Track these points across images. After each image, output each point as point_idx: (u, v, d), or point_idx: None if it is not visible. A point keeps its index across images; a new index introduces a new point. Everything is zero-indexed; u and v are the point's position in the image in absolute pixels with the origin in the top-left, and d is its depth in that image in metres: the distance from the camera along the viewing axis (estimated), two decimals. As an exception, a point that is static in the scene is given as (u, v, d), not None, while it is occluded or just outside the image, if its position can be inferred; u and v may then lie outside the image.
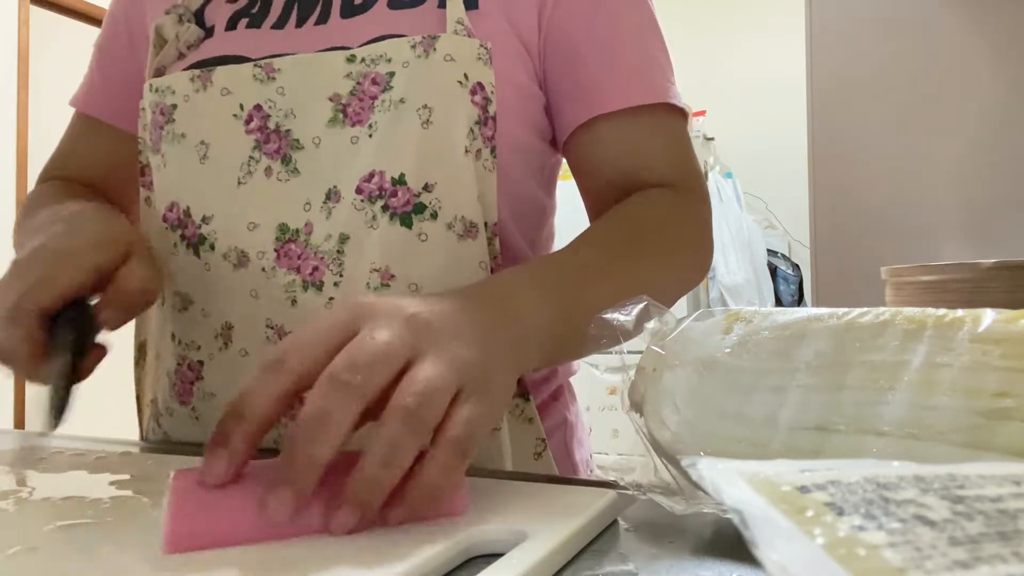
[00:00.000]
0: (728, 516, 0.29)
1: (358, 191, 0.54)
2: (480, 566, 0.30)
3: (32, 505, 0.40)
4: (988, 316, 0.32)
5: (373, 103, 0.55)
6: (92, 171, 0.73)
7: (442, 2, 0.57)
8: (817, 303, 1.66)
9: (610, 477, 0.39)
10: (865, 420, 0.32)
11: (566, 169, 0.67)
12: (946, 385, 0.31)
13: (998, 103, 1.46)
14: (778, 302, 3.51)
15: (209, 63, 0.60)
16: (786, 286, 3.56)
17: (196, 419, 0.60)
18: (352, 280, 0.54)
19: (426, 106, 0.53)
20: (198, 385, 0.60)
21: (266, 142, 0.57)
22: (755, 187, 3.68)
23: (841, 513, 0.19)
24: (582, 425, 0.70)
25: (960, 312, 0.33)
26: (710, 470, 0.22)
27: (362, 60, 0.55)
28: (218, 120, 0.58)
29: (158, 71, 0.63)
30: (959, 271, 1.05)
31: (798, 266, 3.60)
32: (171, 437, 0.63)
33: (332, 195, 0.55)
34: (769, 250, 3.56)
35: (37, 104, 2.94)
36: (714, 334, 0.38)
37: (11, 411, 2.83)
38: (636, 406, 0.38)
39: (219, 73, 0.58)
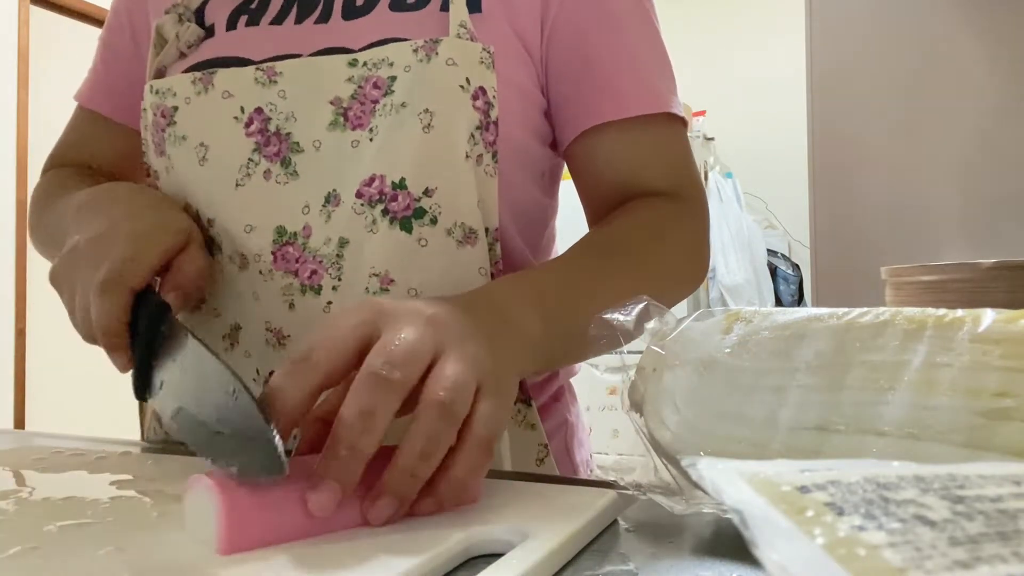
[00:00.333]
0: (728, 516, 0.29)
1: (358, 195, 0.54)
2: (480, 566, 0.30)
3: (32, 505, 0.40)
4: (988, 316, 0.32)
5: (374, 107, 0.54)
6: (100, 160, 0.72)
7: (445, 5, 0.56)
8: (817, 303, 1.66)
9: (610, 477, 0.39)
10: (865, 420, 0.32)
11: (566, 169, 0.67)
12: (946, 385, 0.31)
13: (998, 103, 1.46)
14: (778, 302, 3.51)
15: (210, 64, 0.60)
16: (786, 286, 3.56)
17: (197, 419, 0.60)
18: (351, 284, 0.54)
19: (427, 110, 0.53)
20: None
21: (266, 145, 0.56)
22: (755, 187, 3.68)
23: (841, 513, 0.19)
24: (582, 425, 0.70)
25: (960, 312, 0.33)
26: (710, 470, 0.22)
27: (364, 64, 0.55)
28: (218, 122, 0.58)
29: (159, 72, 0.63)
30: (959, 271, 1.05)
31: (798, 266, 3.60)
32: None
33: (332, 199, 0.55)
34: (769, 250, 3.56)
35: (37, 104, 2.94)
36: (714, 334, 0.38)
37: (11, 411, 2.82)
38: (636, 406, 0.38)
39: (220, 76, 0.58)
